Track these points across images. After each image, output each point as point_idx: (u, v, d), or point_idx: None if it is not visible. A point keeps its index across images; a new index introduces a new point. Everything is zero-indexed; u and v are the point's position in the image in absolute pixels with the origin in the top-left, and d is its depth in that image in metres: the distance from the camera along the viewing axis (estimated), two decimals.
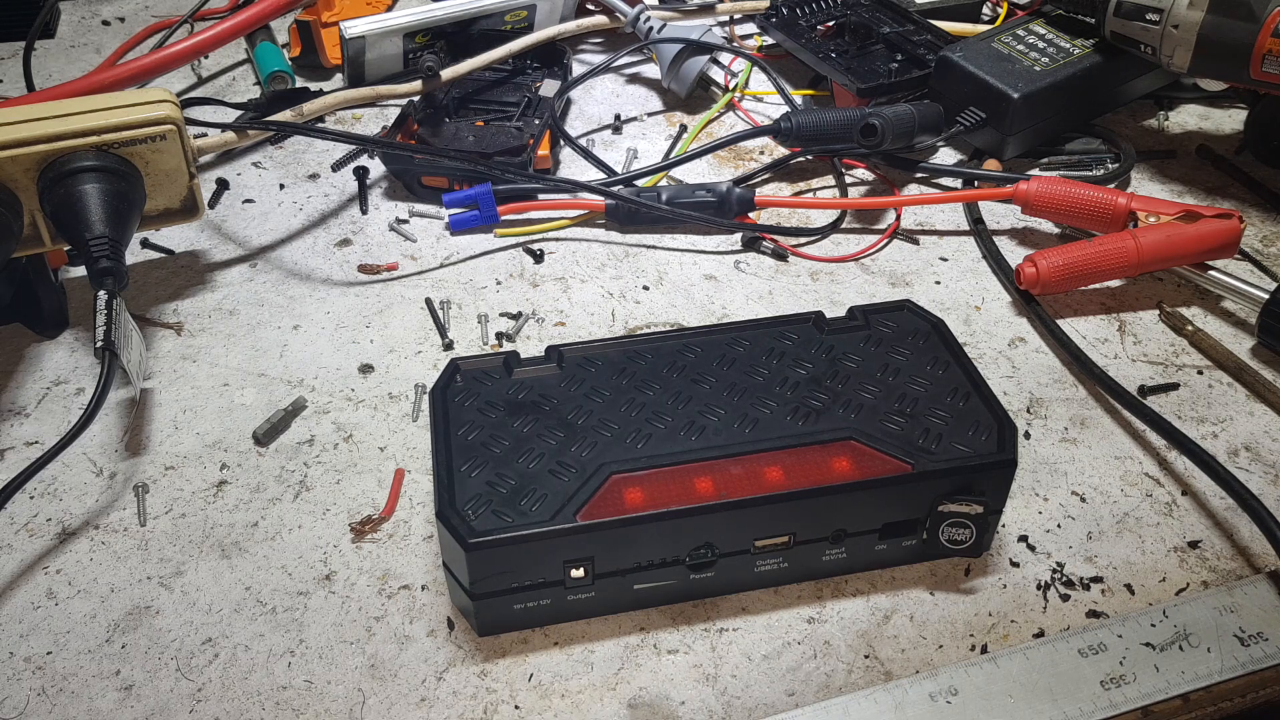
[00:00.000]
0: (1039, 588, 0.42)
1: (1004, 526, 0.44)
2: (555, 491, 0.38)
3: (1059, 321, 0.53)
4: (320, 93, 0.69)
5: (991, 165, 0.63)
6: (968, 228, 0.60)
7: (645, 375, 0.43)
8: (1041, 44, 0.64)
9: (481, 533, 0.37)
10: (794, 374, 0.43)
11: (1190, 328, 0.53)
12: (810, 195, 0.63)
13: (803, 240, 0.59)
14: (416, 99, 0.64)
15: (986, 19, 0.76)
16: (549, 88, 0.67)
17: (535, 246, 0.58)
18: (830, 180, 0.64)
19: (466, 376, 0.43)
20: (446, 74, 0.64)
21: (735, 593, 0.41)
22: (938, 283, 0.56)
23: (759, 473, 0.39)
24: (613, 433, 0.40)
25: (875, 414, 0.41)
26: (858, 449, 0.40)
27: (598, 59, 0.74)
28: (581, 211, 0.60)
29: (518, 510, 0.37)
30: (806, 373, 0.43)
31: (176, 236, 0.59)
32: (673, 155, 0.65)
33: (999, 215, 0.61)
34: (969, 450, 0.40)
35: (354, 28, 0.66)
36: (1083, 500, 0.45)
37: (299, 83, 0.70)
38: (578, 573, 0.38)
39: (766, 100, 0.71)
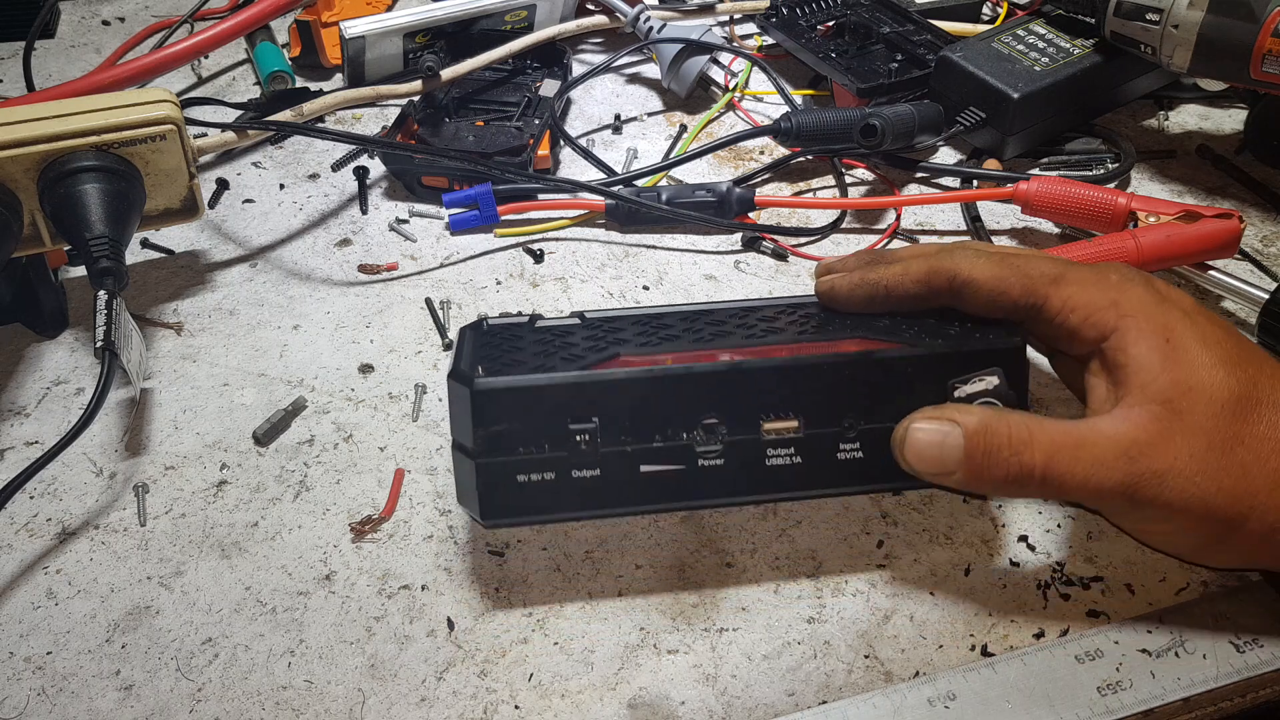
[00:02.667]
0: (1039, 587, 0.42)
1: (1004, 526, 0.44)
2: (565, 365, 0.39)
3: None
4: (320, 93, 0.69)
5: (991, 165, 0.63)
6: (967, 228, 0.60)
7: (666, 323, 0.44)
8: (1041, 44, 0.64)
9: (488, 379, 0.38)
10: (809, 316, 0.44)
11: None
12: (810, 195, 0.63)
13: (803, 240, 0.59)
14: (416, 99, 0.64)
15: (986, 19, 0.76)
16: (549, 88, 0.67)
17: (535, 246, 0.58)
18: (830, 180, 0.64)
19: (493, 325, 0.44)
20: (446, 74, 0.64)
21: (747, 501, 0.41)
22: None
23: (767, 352, 0.40)
24: (630, 340, 0.41)
25: (885, 330, 0.42)
26: (866, 341, 0.41)
27: (598, 59, 0.74)
28: (581, 211, 0.60)
29: (527, 372, 0.39)
30: (820, 317, 0.44)
31: (176, 236, 0.59)
32: (673, 155, 0.65)
33: (999, 215, 0.61)
34: (977, 338, 0.41)
35: (354, 28, 0.66)
36: None
37: (299, 83, 0.70)
38: (581, 436, 0.38)
39: (766, 100, 0.71)
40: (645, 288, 0.56)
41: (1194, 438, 0.36)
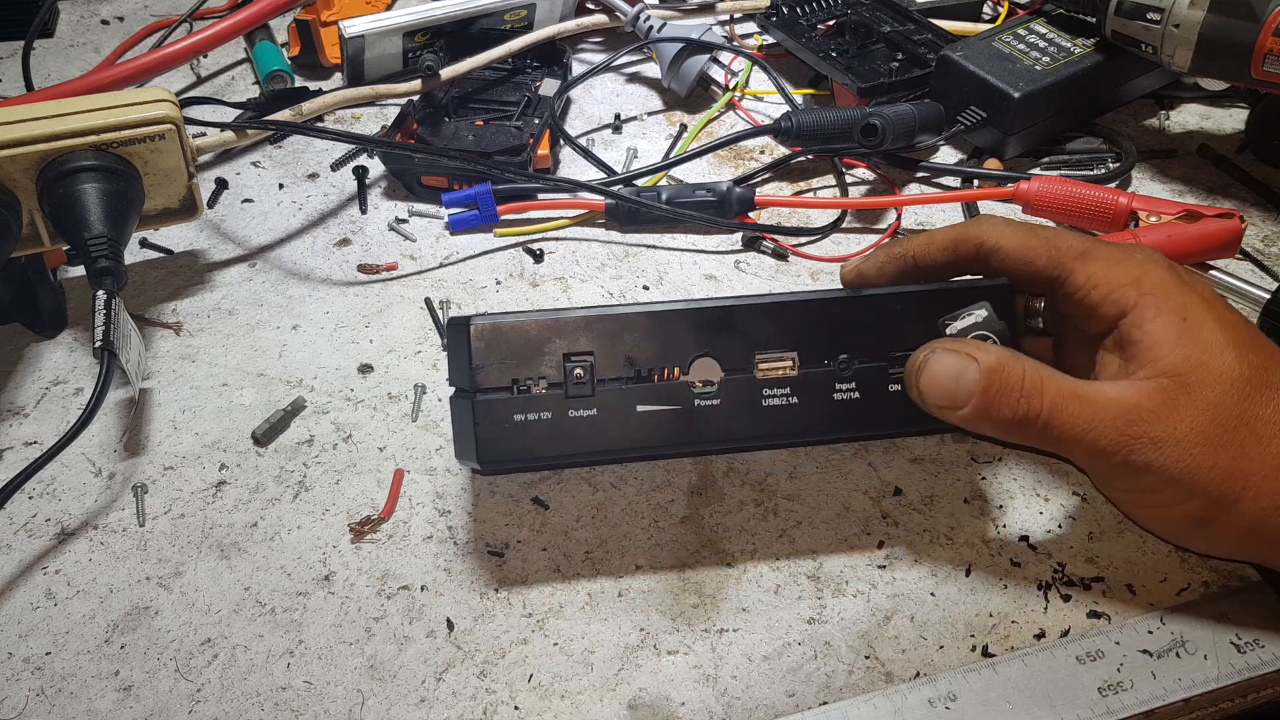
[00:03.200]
0: (1040, 588, 0.42)
1: (1005, 527, 0.44)
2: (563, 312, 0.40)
3: None
4: (319, 92, 0.69)
5: (992, 164, 0.62)
6: None
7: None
8: (1042, 43, 0.63)
9: (486, 316, 0.39)
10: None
11: None
12: (811, 195, 0.63)
13: (803, 240, 0.59)
14: (416, 98, 0.64)
15: (987, 18, 0.76)
16: (549, 87, 0.67)
17: (535, 246, 0.58)
18: (831, 180, 0.64)
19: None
20: (446, 73, 0.64)
21: (745, 445, 0.42)
22: None
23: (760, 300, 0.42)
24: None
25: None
26: (857, 291, 0.42)
27: (598, 58, 0.74)
28: (581, 211, 0.59)
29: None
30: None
31: (175, 236, 0.59)
32: (673, 155, 0.65)
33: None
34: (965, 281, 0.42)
35: (353, 27, 0.66)
36: (1084, 500, 0.45)
37: (298, 82, 0.70)
38: (578, 371, 0.39)
39: (767, 100, 0.70)
40: (645, 287, 0.56)
41: (1198, 412, 0.37)
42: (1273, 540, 0.38)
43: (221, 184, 0.63)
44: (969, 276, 0.44)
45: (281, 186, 0.63)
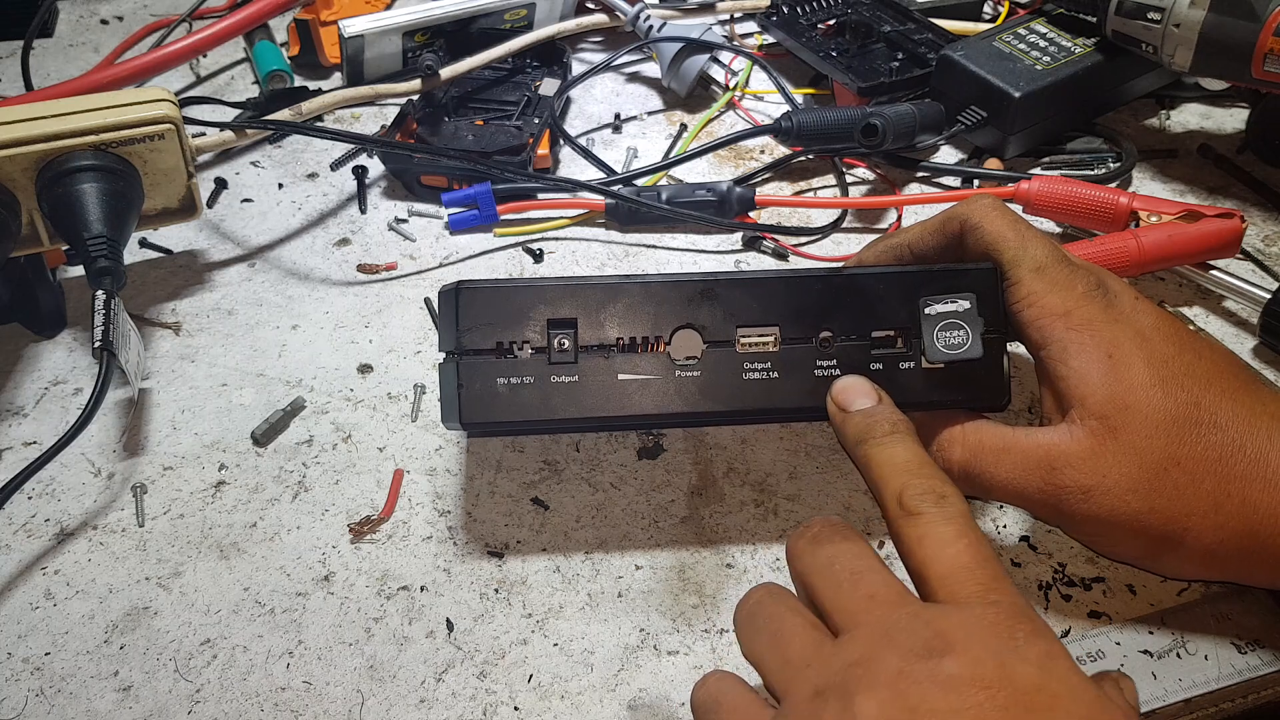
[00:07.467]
0: (1041, 588, 0.42)
1: (1005, 527, 0.44)
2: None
3: None
4: (319, 91, 0.69)
5: (993, 164, 0.62)
6: None
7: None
8: (1043, 43, 0.63)
9: (474, 281, 0.40)
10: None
11: (1192, 328, 0.53)
12: (811, 195, 0.63)
13: (804, 240, 0.59)
14: (415, 98, 0.64)
15: (988, 18, 0.76)
16: (549, 86, 0.67)
17: (535, 246, 0.58)
18: (831, 179, 0.64)
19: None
20: (445, 73, 0.64)
21: (726, 419, 0.42)
22: None
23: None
24: None
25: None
26: (840, 270, 0.43)
27: (597, 58, 0.74)
28: (581, 211, 0.59)
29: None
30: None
31: (175, 236, 0.59)
32: (673, 154, 0.65)
33: None
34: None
35: (352, 26, 0.66)
36: None
37: (297, 81, 0.70)
38: (561, 339, 0.40)
39: (767, 99, 0.70)
40: None
41: (1126, 457, 0.36)
42: (1227, 569, 0.38)
43: (221, 184, 0.63)
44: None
45: (281, 186, 0.63)
